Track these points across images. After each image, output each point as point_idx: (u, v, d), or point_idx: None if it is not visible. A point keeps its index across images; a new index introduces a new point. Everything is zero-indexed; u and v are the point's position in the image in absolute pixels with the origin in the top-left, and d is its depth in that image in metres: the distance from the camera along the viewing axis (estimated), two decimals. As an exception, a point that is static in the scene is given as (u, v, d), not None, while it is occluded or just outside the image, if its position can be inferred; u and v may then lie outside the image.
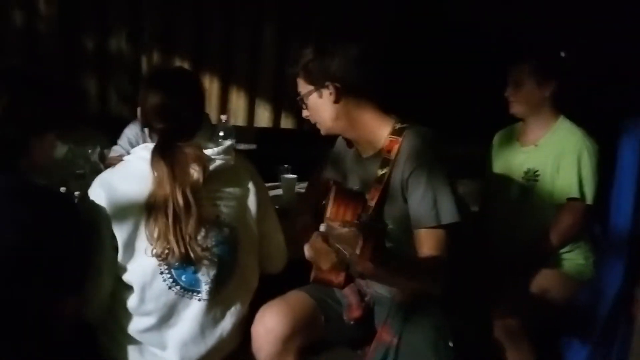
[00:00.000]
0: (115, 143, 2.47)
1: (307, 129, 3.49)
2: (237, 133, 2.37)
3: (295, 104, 1.51)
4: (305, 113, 1.48)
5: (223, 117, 2.35)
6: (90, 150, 1.91)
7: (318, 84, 1.39)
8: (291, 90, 3.38)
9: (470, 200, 2.10)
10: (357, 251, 0.99)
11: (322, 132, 1.48)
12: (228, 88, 3.28)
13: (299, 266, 1.58)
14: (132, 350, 1.31)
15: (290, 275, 1.57)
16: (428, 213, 1.31)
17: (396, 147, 1.37)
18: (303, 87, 1.43)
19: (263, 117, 3.44)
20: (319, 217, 1.59)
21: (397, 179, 1.36)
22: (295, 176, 2.19)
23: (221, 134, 2.21)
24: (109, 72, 2.94)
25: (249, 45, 3.29)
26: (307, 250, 1.21)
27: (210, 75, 3.18)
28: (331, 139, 1.66)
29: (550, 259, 1.84)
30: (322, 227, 1.39)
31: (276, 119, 3.49)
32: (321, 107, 1.41)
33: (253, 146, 3.23)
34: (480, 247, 1.96)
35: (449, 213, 1.31)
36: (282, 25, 3.34)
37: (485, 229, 2.02)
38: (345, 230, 1.03)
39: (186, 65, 3.05)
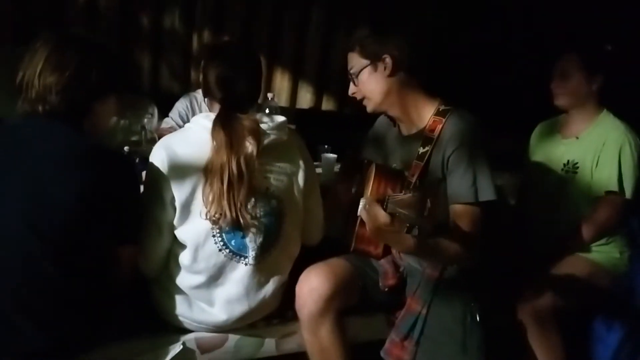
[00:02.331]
0: (166, 116, 2.60)
1: (347, 112, 3.60)
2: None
3: (337, 87, 1.58)
4: (352, 89, 1.54)
5: (269, 95, 2.43)
6: (146, 120, 2.03)
7: (374, 58, 1.45)
8: (335, 73, 3.51)
9: (508, 194, 2.13)
10: (426, 212, 1.05)
11: (369, 108, 1.54)
12: (273, 69, 3.37)
13: (332, 241, 1.68)
14: (181, 304, 1.42)
15: (323, 248, 1.66)
16: (467, 190, 1.37)
17: (439, 127, 1.43)
18: (357, 61, 1.49)
19: (305, 99, 3.51)
20: (357, 195, 1.67)
21: (439, 157, 1.42)
22: (335, 155, 2.25)
23: (267, 111, 2.30)
24: (161, 48, 3.06)
25: (296, 28, 3.34)
26: (364, 215, 1.23)
27: (257, 55, 3.28)
28: (369, 122, 1.71)
29: (585, 249, 1.86)
30: (362, 203, 1.47)
31: (318, 101, 3.56)
32: (374, 80, 1.48)
33: (292, 126, 3.31)
34: (516, 236, 2.00)
35: (487, 191, 1.38)
36: (330, 9, 3.38)
37: (522, 220, 2.04)
38: (408, 195, 1.11)
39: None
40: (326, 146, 2.35)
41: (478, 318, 1.43)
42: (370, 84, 1.49)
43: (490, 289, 1.63)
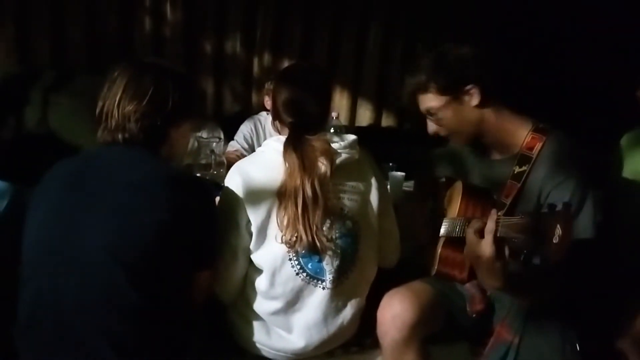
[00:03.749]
0: (230, 139, 2.63)
1: (407, 127, 3.54)
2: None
3: (395, 103, 1.48)
4: (432, 128, 1.44)
5: (334, 114, 2.42)
6: (214, 144, 2.05)
7: (456, 92, 1.36)
8: (393, 89, 3.47)
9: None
10: (556, 240, 0.94)
11: (460, 142, 1.45)
12: (333, 88, 3.37)
13: (407, 264, 1.61)
14: (259, 331, 1.39)
15: (398, 271, 1.59)
16: None
17: (539, 145, 1.33)
18: (434, 100, 1.38)
19: (364, 117, 3.50)
20: (434, 214, 1.60)
21: (538, 178, 1.32)
22: (403, 174, 2.20)
23: (332, 130, 2.28)
24: (224, 73, 3.13)
25: (354, 47, 3.37)
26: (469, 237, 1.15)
27: (316, 75, 3.30)
28: (432, 139, 1.62)
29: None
30: (445, 224, 1.40)
31: (377, 118, 3.54)
32: (462, 115, 1.38)
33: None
34: (607, 255, 1.85)
35: (586, 230, 1.27)
36: (387, 27, 3.39)
37: (612, 237, 1.89)
38: (527, 219, 1.01)
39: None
40: (391, 164, 2.29)
41: (578, 347, 1.31)
42: (458, 119, 1.38)
43: (586, 315, 1.50)
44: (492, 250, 1.07)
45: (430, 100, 1.39)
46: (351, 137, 1.42)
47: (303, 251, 1.32)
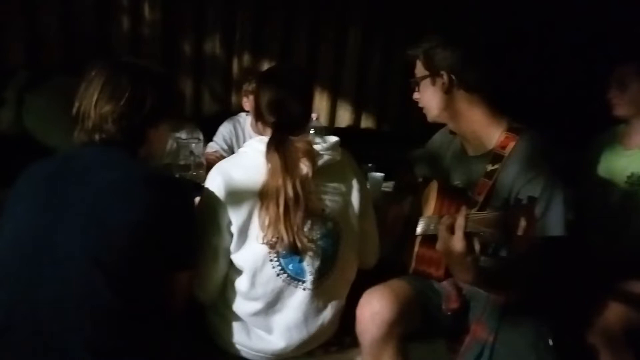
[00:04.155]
0: (209, 140, 2.62)
1: (386, 129, 3.56)
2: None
3: (374, 105, 1.53)
4: (415, 95, 1.52)
5: (314, 115, 2.42)
6: (194, 144, 2.04)
7: (434, 71, 1.43)
8: (372, 91, 3.50)
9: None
10: (520, 232, 0.97)
11: (428, 118, 1.52)
12: (314, 89, 3.38)
13: (385, 263, 1.63)
14: (239, 332, 1.39)
15: (377, 270, 1.60)
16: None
17: (512, 144, 1.37)
18: (419, 70, 1.48)
19: (344, 118, 3.50)
20: (412, 213, 1.62)
21: (509, 177, 1.35)
22: (382, 174, 2.21)
23: (312, 131, 2.28)
24: (203, 74, 3.10)
25: (333, 49, 3.37)
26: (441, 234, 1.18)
27: (296, 77, 3.30)
28: (409, 139, 1.67)
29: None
30: (421, 223, 1.42)
31: (357, 119, 3.55)
32: (431, 94, 1.45)
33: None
34: (578, 253, 1.90)
35: (555, 227, 1.30)
36: (365, 29, 3.39)
37: (583, 236, 1.94)
38: (494, 213, 1.04)
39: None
40: (370, 165, 2.31)
41: (551, 342, 1.34)
42: (428, 96, 1.47)
43: (559, 311, 1.54)
44: (463, 245, 1.11)
45: (417, 68, 1.49)
46: (333, 138, 1.42)
47: (284, 252, 1.32)
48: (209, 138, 2.63)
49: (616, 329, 1.60)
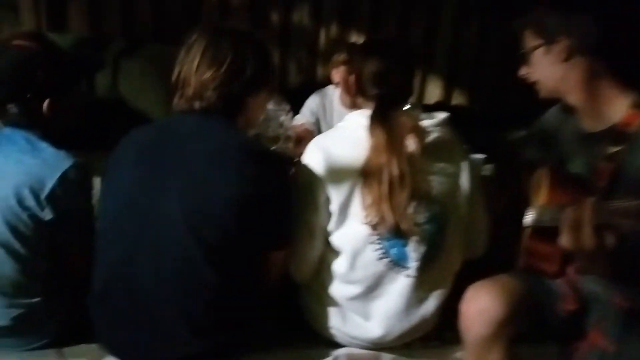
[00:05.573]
0: (295, 112, 2.55)
1: (479, 108, 3.36)
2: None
3: (467, 80, 1.40)
4: (524, 70, 1.36)
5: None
6: (283, 115, 1.98)
7: (549, 39, 1.27)
8: (465, 65, 3.30)
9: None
10: None
11: (542, 93, 1.35)
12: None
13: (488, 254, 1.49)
14: (335, 316, 1.32)
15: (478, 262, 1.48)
16: None
17: (638, 122, 1.20)
18: (530, 40, 1.32)
19: (434, 94, 3.34)
20: (516, 202, 1.47)
21: (636, 159, 1.18)
22: (483, 156, 2.05)
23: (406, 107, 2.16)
24: (289, 45, 3.05)
25: (426, 22, 3.22)
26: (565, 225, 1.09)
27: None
28: (503, 118, 1.51)
29: None
30: (532, 213, 1.27)
31: (447, 96, 3.37)
32: (547, 65, 1.29)
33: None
34: None
35: None
36: (461, 3, 3.22)
37: None
38: (635, 203, 0.95)
39: (362, 40, 3.07)
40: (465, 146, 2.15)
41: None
42: (542, 68, 1.30)
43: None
44: (594, 240, 1.03)
45: (527, 39, 1.33)
46: (442, 114, 1.33)
47: (387, 234, 1.24)
48: (294, 110, 2.57)
49: None
